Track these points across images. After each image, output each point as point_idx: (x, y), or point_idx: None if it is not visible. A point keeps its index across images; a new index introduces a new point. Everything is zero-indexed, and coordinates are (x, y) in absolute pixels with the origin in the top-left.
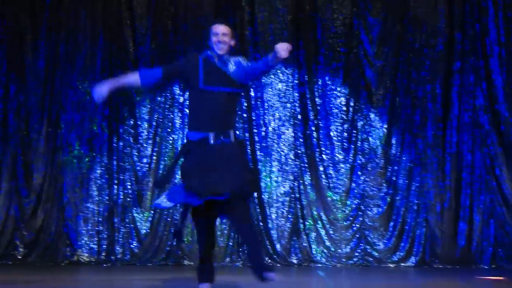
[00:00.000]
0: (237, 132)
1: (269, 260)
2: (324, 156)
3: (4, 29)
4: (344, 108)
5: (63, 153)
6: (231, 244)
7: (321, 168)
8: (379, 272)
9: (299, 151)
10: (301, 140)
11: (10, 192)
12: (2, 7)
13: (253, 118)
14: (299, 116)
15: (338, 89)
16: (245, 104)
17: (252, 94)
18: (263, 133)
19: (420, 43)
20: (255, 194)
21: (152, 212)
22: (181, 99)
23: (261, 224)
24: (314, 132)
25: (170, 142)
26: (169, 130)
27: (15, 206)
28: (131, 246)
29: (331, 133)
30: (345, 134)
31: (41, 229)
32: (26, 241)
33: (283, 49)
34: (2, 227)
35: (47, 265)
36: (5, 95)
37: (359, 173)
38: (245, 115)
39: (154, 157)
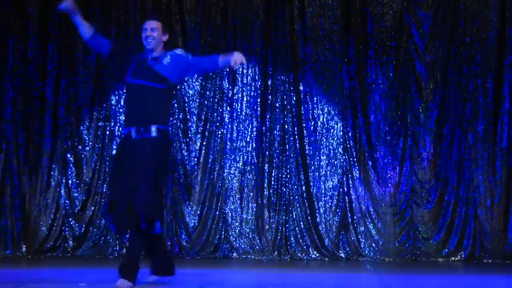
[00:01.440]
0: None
1: (317, 254)
2: (373, 150)
3: (55, 23)
4: (394, 103)
5: (113, 146)
6: (279, 238)
7: (370, 162)
8: (428, 267)
9: (348, 145)
10: (350, 134)
11: (59, 186)
12: (52, 1)
13: (302, 112)
14: (348, 110)
15: (388, 83)
16: (294, 98)
17: (301, 88)
18: (312, 128)
19: (471, 37)
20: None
21: (201, 206)
22: (230, 94)
23: (309, 218)
24: (363, 126)
25: (219, 136)
26: (217, 124)
27: (65, 199)
28: (180, 239)
29: (380, 127)
30: (395, 128)
31: (90, 222)
32: (76, 234)
33: (238, 60)
34: (52, 220)
35: (96, 257)
36: (55, 89)
37: (408, 167)
38: (293, 109)
39: (203, 151)
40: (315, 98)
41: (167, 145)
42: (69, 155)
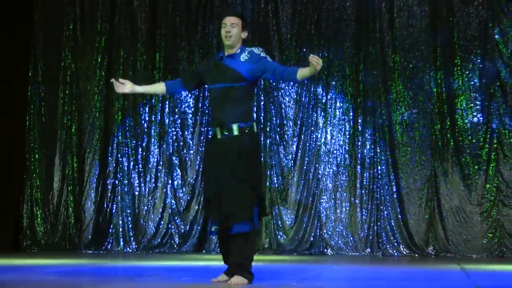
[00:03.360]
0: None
1: (408, 250)
2: (459, 152)
3: (162, 35)
4: (480, 107)
5: None
6: (371, 235)
7: (457, 162)
8: None
9: (436, 147)
10: (438, 136)
11: (166, 186)
12: (159, 15)
13: (392, 116)
14: (436, 114)
15: (474, 89)
16: (385, 103)
17: (391, 93)
18: (401, 130)
19: None
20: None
21: (297, 205)
22: (324, 100)
23: (400, 216)
24: (450, 129)
25: (314, 139)
26: (312, 128)
27: (171, 199)
28: (278, 236)
29: (467, 130)
30: (481, 131)
31: (194, 220)
32: (181, 231)
33: (317, 63)
34: (159, 218)
35: (201, 254)
36: (162, 97)
37: (494, 168)
38: (384, 113)
39: (299, 154)
40: (404, 103)
41: (252, 140)
42: (174, 158)
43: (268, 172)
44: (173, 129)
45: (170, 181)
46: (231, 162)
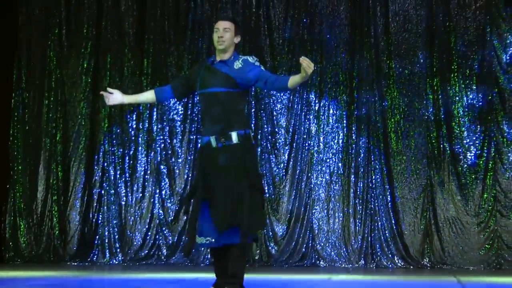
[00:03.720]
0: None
1: (402, 262)
2: (456, 161)
3: (150, 40)
4: (477, 114)
5: None
6: (365, 246)
7: (453, 171)
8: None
9: (432, 156)
10: (434, 144)
11: (154, 196)
12: (147, 20)
13: (387, 124)
14: (432, 122)
15: (471, 95)
16: (379, 111)
17: (386, 100)
18: (396, 138)
19: None
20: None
21: (289, 215)
22: (317, 107)
23: (395, 227)
24: (446, 137)
25: (307, 148)
26: (305, 136)
27: (159, 209)
28: (269, 247)
29: (463, 139)
30: (478, 139)
31: (183, 231)
32: (169, 242)
33: (308, 66)
34: (146, 229)
35: (189, 266)
36: (150, 104)
37: (492, 177)
38: (379, 121)
39: (291, 163)
40: (399, 110)
41: (251, 148)
42: (162, 167)
43: None
44: (161, 137)
45: (158, 191)
46: (239, 171)
